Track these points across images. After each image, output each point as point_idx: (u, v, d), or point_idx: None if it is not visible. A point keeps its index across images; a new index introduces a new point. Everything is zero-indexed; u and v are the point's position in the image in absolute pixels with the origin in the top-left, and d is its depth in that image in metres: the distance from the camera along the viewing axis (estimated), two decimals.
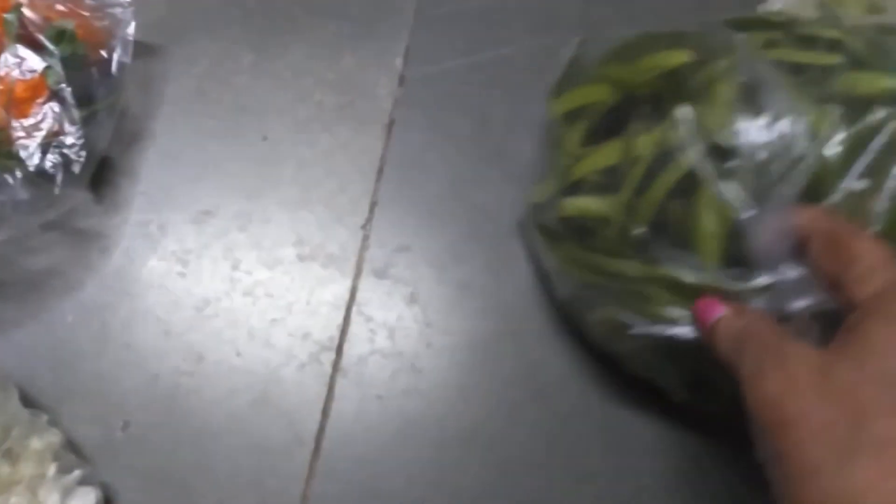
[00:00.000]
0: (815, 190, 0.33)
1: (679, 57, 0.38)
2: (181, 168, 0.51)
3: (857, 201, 0.33)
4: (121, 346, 0.46)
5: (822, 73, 0.35)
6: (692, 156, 0.34)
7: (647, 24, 0.56)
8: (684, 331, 0.34)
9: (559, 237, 0.41)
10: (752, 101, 0.34)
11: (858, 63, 0.36)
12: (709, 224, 0.34)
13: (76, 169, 0.46)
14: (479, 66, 0.56)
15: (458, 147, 0.52)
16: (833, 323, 0.29)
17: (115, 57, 0.49)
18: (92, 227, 0.49)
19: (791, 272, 0.32)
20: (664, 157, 0.35)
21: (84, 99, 0.47)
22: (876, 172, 0.33)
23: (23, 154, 0.44)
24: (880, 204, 0.32)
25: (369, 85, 0.54)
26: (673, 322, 0.34)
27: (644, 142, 0.36)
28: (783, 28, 0.39)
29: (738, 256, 0.33)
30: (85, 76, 0.48)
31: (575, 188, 0.40)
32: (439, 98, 0.54)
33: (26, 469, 0.38)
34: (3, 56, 0.46)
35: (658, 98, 0.37)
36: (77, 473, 0.39)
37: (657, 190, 0.35)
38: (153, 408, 0.44)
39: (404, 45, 0.56)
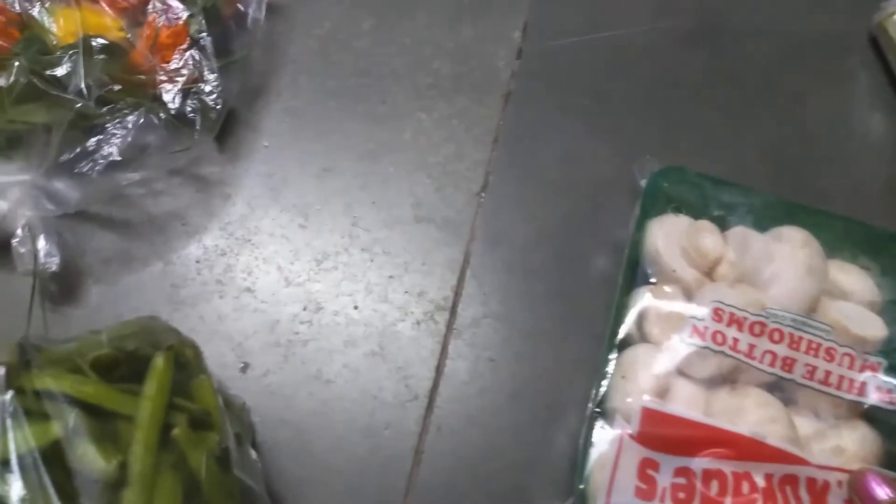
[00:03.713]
0: None
1: None
2: (303, 125, 0.52)
3: None
4: (242, 291, 0.47)
5: None
6: None
7: (760, 8, 0.57)
8: None
9: None
10: None
11: None
12: None
13: (213, 115, 0.47)
14: (596, 44, 0.56)
15: (573, 121, 0.53)
16: None
17: (250, 12, 0.50)
18: (215, 176, 0.51)
19: None
20: None
21: (220, 50, 0.48)
22: None
23: (165, 97, 0.46)
24: None
25: (487, 56, 0.55)
26: None
27: None
28: None
29: None
30: (222, 28, 0.49)
31: None
32: (556, 73, 0.55)
33: None
34: (151, 3, 0.47)
35: None
36: None
37: None
38: (272, 352, 0.45)
39: (523, 20, 0.56)
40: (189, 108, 0.46)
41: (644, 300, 0.41)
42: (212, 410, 0.34)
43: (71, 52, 0.45)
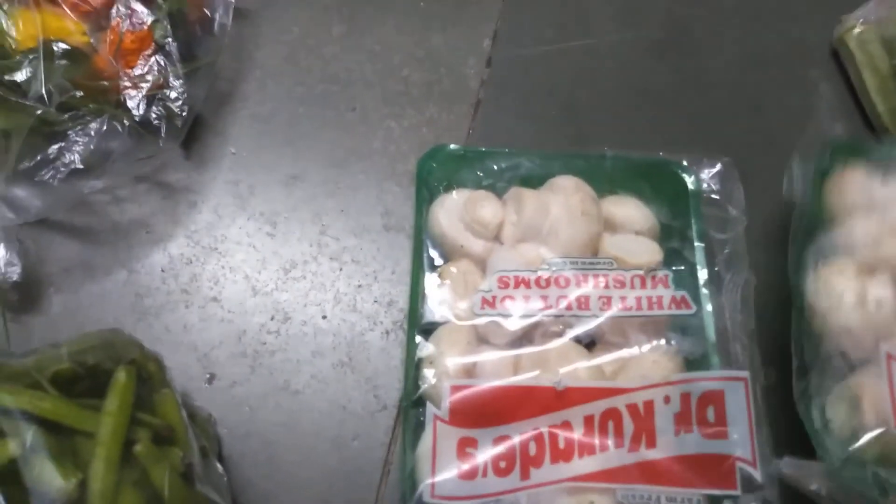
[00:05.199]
0: None
1: None
2: (271, 132, 0.52)
3: None
4: (209, 300, 0.46)
5: None
6: None
7: (724, 20, 0.58)
8: None
9: None
10: None
11: None
12: None
13: (178, 122, 0.46)
14: (565, 53, 0.56)
15: (543, 129, 0.53)
16: None
17: (217, 17, 0.50)
18: (181, 183, 0.50)
19: None
20: None
21: (186, 55, 0.48)
22: None
23: (129, 104, 0.45)
24: None
25: (457, 64, 0.55)
26: None
27: None
28: None
29: None
30: (187, 33, 0.49)
31: None
32: (526, 81, 0.55)
33: None
34: (115, 7, 0.46)
35: None
36: None
37: None
38: (239, 363, 0.45)
39: (493, 28, 0.57)
40: (154, 115, 0.46)
41: (431, 284, 0.42)
42: (175, 425, 0.33)
43: (31, 56, 0.44)
